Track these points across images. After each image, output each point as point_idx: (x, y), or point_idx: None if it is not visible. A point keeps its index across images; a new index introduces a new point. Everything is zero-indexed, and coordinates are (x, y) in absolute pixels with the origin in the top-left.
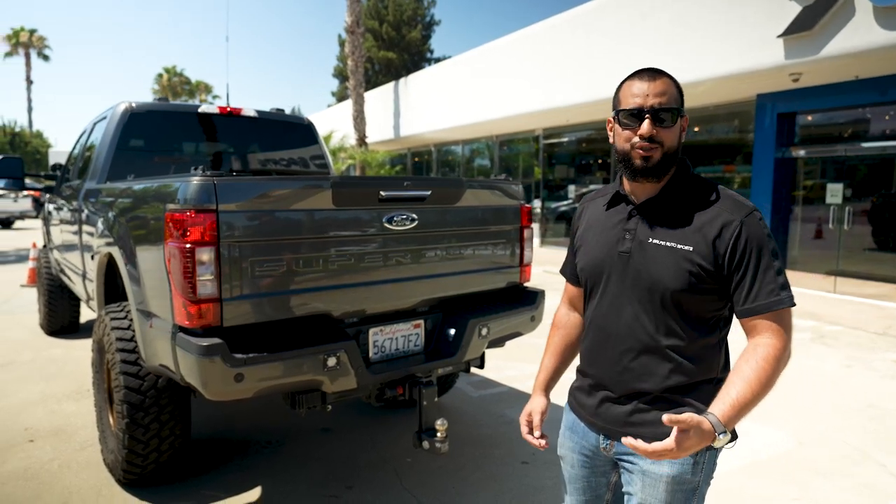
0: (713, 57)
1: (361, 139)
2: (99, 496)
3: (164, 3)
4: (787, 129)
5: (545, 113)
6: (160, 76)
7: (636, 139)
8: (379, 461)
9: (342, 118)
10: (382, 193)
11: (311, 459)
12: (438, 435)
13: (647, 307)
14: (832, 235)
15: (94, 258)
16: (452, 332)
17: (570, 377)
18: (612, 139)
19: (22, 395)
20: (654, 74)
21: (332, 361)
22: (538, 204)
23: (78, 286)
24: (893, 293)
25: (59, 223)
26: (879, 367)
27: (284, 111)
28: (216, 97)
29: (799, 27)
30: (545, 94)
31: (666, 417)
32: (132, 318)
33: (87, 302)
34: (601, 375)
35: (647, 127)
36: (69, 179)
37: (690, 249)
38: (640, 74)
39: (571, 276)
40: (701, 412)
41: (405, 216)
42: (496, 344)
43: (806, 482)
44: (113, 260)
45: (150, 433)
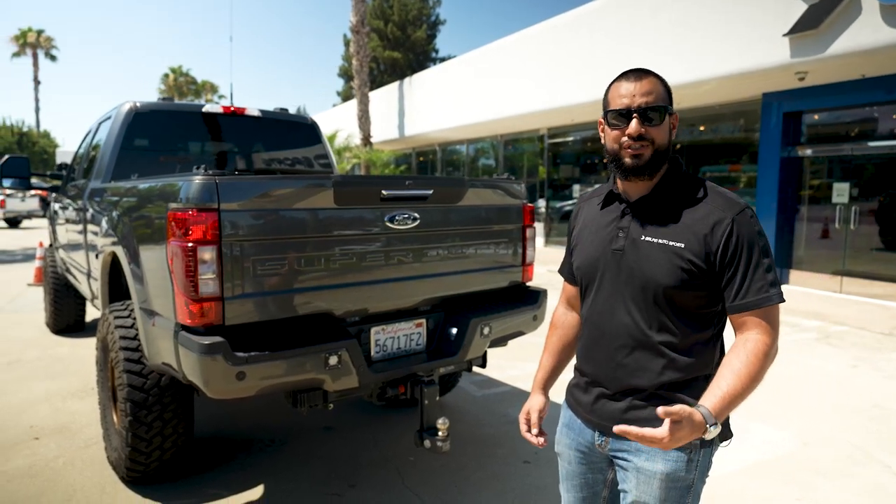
0: (718, 56)
1: (366, 139)
2: (103, 493)
3: (171, 3)
4: (792, 128)
5: (549, 112)
6: (166, 76)
7: (625, 139)
8: (381, 460)
9: (347, 118)
10: (384, 192)
11: (313, 458)
12: (440, 434)
13: (640, 304)
14: (838, 235)
15: (98, 257)
16: (454, 331)
17: (569, 375)
18: (603, 140)
19: (27, 392)
20: (640, 74)
21: (333, 360)
22: (543, 203)
23: (83, 285)
24: None
25: (64, 222)
26: (885, 367)
27: (288, 110)
28: (222, 97)
29: (805, 26)
30: (549, 93)
31: (661, 410)
32: (135, 316)
33: (92, 301)
34: (596, 372)
35: (634, 126)
36: (74, 179)
37: (682, 246)
38: (626, 75)
39: (569, 275)
40: (692, 405)
41: (407, 215)
42: (498, 343)
43: (809, 483)
44: (117, 259)
45: (153, 431)
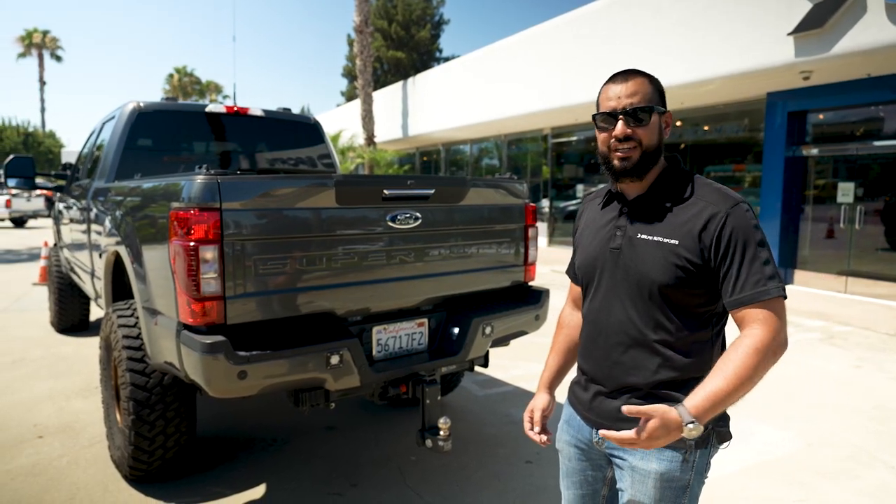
0: (722, 55)
1: (370, 138)
2: (106, 492)
3: (176, 3)
4: (797, 127)
5: (553, 112)
6: (171, 76)
7: (613, 140)
8: (383, 459)
9: (351, 117)
10: (386, 192)
11: (314, 457)
12: (441, 433)
13: (636, 302)
14: (843, 235)
15: (101, 256)
16: (456, 330)
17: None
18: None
19: (32, 391)
20: (626, 76)
21: (335, 359)
22: (546, 203)
23: (87, 284)
24: None
25: (68, 222)
26: (890, 368)
27: (291, 110)
28: (226, 97)
29: (809, 25)
30: (553, 93)
31: (625, 409)
32: (138, 316)
33: (96, 300)
34: (594, 370)
35: (620, 127)
36: (79, 178)
37: (676, 243)
38: (614, 78)
39: (574, 275)
40: (674, 403)
41: (409, 215)
42: (500, 343)
43: (812, 484)
44: (120, 258)
45: (155, 430)
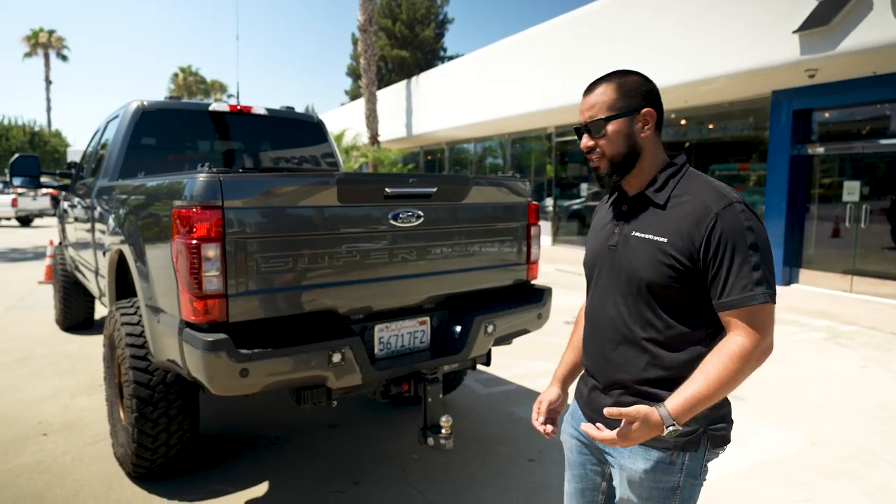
0: (727, 53)
1: (374, 137)
2: (109, 489)
3: (181, 3)
4: (802, 126)
5: (557, 111)
6: (176, 76)
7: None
8: (385, 457)
9: (355, 116)
10: (388, 190)
11: (317, 455)
12: (443, 431)
13: (627, 299)
14: (849, 234)
15: (105, 255)
16: (458, 329)
17: None
18: None
19: (36, 389)
20: (591, 87)
21: (337, 357)
22: (550, 202)
23: (92, 283)
24: None
25: (73, 220)
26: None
27: (295, 109)
28: (231, 96)
29: (815, 22)
30: (553, 92)
31: (606, 411)
32: (141, 314)
33: (100, 298)
34: (590, 365)
35: (583, 141)
36: (83, 177)
37: (665, 241)
38: (585, 89)
39: None
40: (655, 404)
41: (411, 213)
42: (503, 341)
43: (816, 484)
44: (123, 256)
45: (158, 427)
